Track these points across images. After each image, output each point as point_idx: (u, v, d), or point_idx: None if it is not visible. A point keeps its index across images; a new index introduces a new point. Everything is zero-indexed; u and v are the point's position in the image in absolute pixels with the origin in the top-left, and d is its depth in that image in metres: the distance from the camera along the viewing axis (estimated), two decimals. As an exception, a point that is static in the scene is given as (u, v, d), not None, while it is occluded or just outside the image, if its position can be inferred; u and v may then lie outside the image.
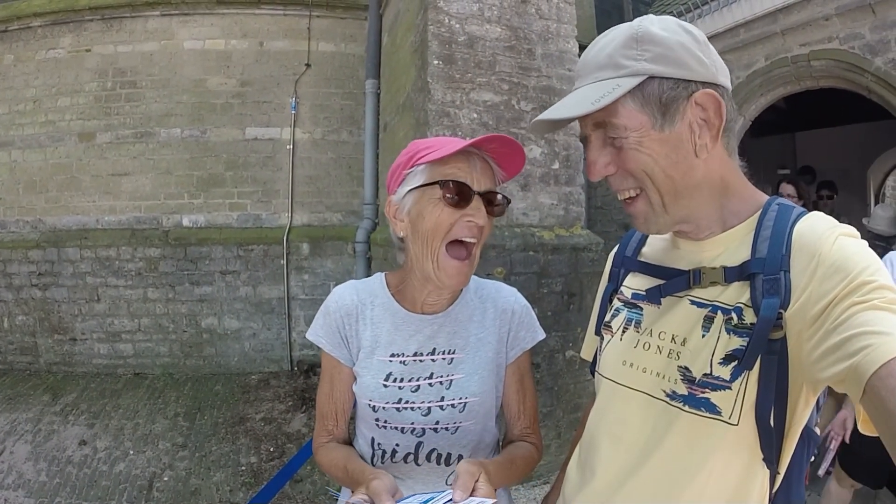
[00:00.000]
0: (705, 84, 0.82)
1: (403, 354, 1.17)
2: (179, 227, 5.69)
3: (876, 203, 8.66)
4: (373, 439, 1.19)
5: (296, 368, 5.72)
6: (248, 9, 5.76)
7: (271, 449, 4.17)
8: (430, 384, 1.17)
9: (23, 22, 5.72)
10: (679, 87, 0.81)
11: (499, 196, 1.11)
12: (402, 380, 1.16)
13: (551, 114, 0.86)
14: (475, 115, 3.83)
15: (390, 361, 1.17)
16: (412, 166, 1.09)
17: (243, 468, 3.91)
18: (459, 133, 3.75)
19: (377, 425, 1.16)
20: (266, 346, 5.74)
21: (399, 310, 1.20)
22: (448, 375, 1.17)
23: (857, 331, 0.64)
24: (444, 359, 1.18)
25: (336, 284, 1.26)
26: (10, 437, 4.18)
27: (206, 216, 5.74)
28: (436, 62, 3.73)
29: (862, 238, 0.80)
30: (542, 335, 1.31)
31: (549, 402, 3.87)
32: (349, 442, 1.27)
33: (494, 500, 0.85)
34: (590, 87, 0.83)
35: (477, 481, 0.88)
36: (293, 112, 5.80)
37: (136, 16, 5.70)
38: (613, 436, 0.96)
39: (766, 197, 0.91)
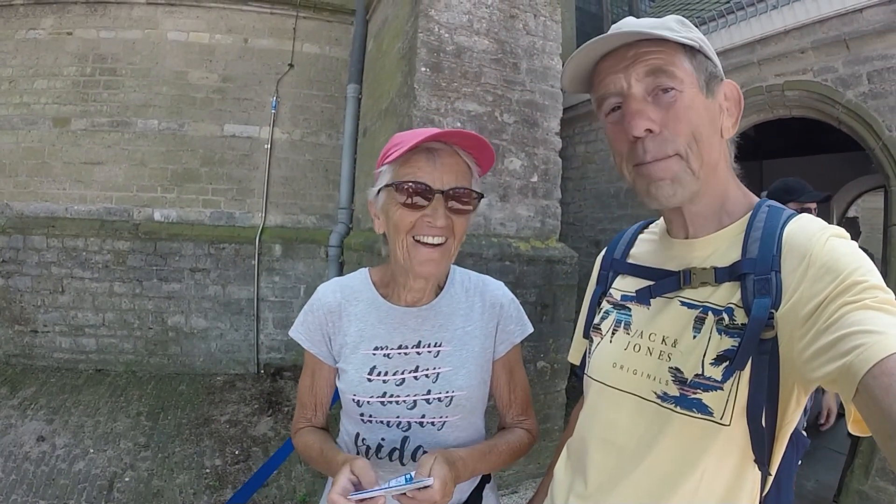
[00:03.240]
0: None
1: (387, 347, 1.16)
2: (150, 220, 5.57)
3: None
4: (357, 435, 1.18)
5: (262, 371, 5.65)
6: (235, 4, 5.71)
7: (236, 452, 4.09)
8: (415, 377, 1.15)
9: (4, -1, 5.57)
10: (716, 68, 0.86)
11: (465, 192, 1.08)
12: (386, 373, 1.15)
13: (636, 27, 0.82)
14: (458, 125, 3.86)
15: (374, 355, 1.16)
16: (382, 164, 1.10)
17: (207, 471, 3.82)
18: (443, 141, 3.77)
19: (362, 420, 1.16)
20: (233, 348, 5.65)
21: (383, 303, 1.20)
22: (434, 369, 1.16)
23: (849, 330, 0.64)
24: (429, 352, 1.18)
25: (307, 288, 1.26)
26: (-36, 430, 4.03)
27: (178, 211, 5.63)
28: (423, 69, 3.76)
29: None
30: (530, 328, 1.30)
31: (519, 413, 3.89)
32: (326, 431, 1.28)
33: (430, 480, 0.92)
34: (653, 31, 0.82)
35: (433, 464, 0.95)
36: (273, 111, 5.77)
37: (121, 2, 5.59)
38: (604, 439, 0.96)
39: (756, 199, 0.92)
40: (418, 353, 1.17)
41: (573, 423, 1.14)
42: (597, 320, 1.06)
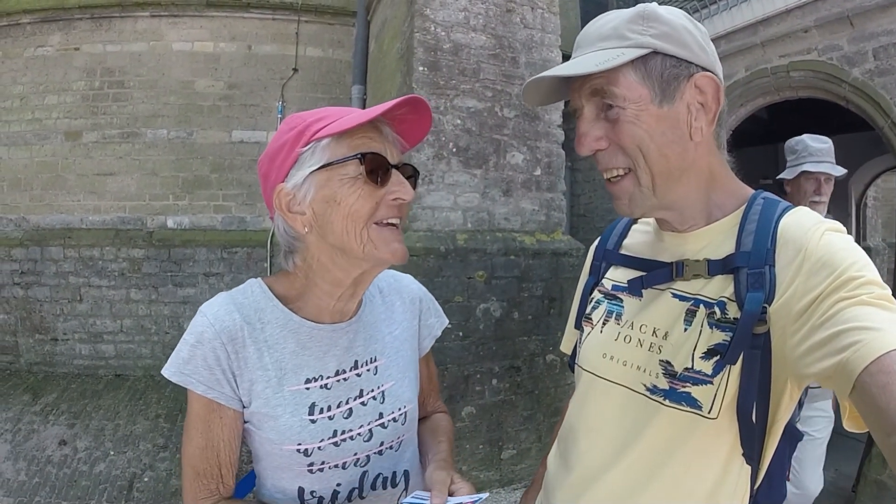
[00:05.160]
0: (704, 69, 0.82)
1: (323, 377, 0.96)
2: (164, 228, 5.69)
3: (857, 213, 8.79)
4: (301, 490, 0.95)
5: (279, 371, 5.73)
6: (237, 12, 5.82)
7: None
8: (362, 403, 0.98)
9: (12, 18, 5.73)
10: (681, 66, 0.81)
11: (411, 168, 0.96)
12: (329, 408, 0.95)
13: (552, 72, 0.84)
14: (459, 122, 3.87)
15: (307, 389, 0.94)
16: (309, 142, 0.87)
17: (223, 469, 3.91)
18: (443, 139, 3.80)
19: (310, 471, 0.94)
20: (248, 349, 5.74)
21: (302, 323, 0.96)
22: (379, 387, 1.01)
23: (845, 326, 0.63)
24: (368, 370, 1.01)
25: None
26: (-10, 436, 4.17)
27: (190, 218, 5.75)
28: (421, 68, 3.78)
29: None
30: (447, 320, 1.21)
31: (530, 406, 3.91)
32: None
33: (486, 494, 0.85)
34: (592, 53, 0.82)
35: (452, 483, 0.86)
36: (279, 116, 5.83)
37: (125, 16, 5.73)
38: (592, 429, 0.95)
39: (751, 191, 0.90)
40: (358, 375, 1.00)
41: (565, 414, 1.13)
42: (588, 310, 1.05)
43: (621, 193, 0.86)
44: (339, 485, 0.95)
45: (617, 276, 1.02)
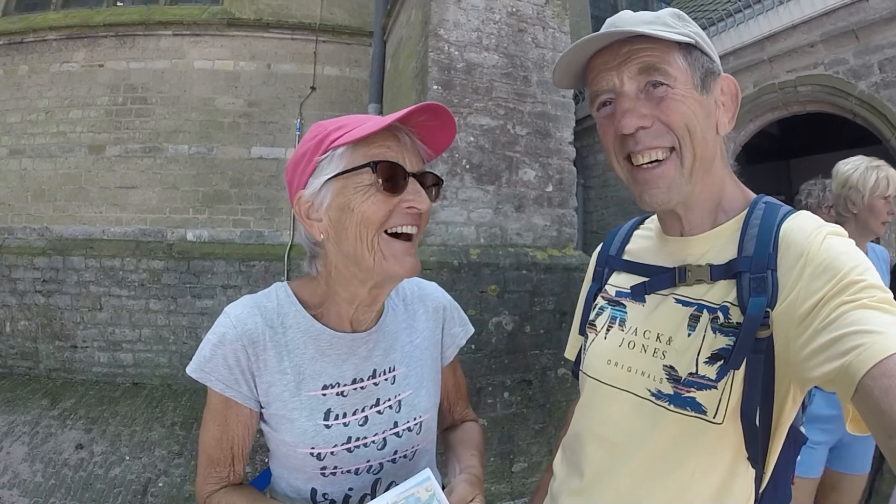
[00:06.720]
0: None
1: (340, 384, 0.97)
2: (183, 240, 5.79)
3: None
4: (314, 491, 0.98)
5: (292, 383, 5.79)
6: (257, 32, 5.97)
7: (266, 460, 4.19)
8: (378, 412, 0.99)
9: (38, 35, 5.92)
10: (713, 64, 0.86)
11: (433, 176, 0.96)
12: (344, 415, 0.97)
13: (625, 24, 0.83)
14: (472, 139, 3.97)
15: (324, 395, 0.96)
16: (326, 151, 0.89)
17: (237, 477, 3.96)
18: (457, 155, 3.89)
19: (323, 475, 0.96)
20: (264, 361, 5.81)
21: (322, 330, 0.98)
22: (395, 396, 1.02)
23: (847, 330, 0.63)
24: (386, 379, 1.02)
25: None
26: (8, 437, 4.24)
27: (209, 231, 5.85)
28: (435, 87, 3.88)
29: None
30: (472, 329, 1.22)
31: (542, 419, 3.94)
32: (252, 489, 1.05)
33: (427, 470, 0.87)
34: (645, 29, 0.81)
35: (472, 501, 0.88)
36: (298, 133, 5.95)
37: (148, 34, 5.90)
38: (598, 435, 0.96)
39: (752, 195, 0.91)
40: (376, 385, 1.00)
41: (569, 420, 1.14)
42: (592, 317, 1.06)
43: (659, 180, 0.85)
44: (350, 489, 0.98)
45: (620, 281, 1.03)
